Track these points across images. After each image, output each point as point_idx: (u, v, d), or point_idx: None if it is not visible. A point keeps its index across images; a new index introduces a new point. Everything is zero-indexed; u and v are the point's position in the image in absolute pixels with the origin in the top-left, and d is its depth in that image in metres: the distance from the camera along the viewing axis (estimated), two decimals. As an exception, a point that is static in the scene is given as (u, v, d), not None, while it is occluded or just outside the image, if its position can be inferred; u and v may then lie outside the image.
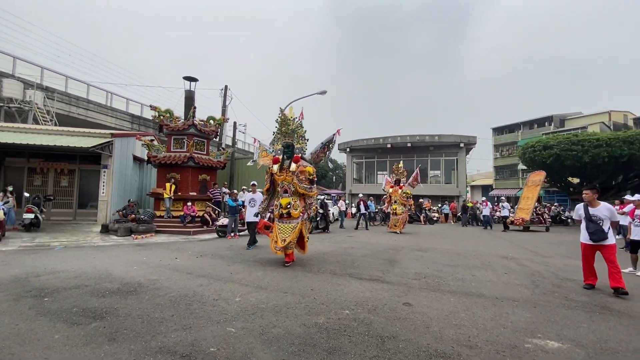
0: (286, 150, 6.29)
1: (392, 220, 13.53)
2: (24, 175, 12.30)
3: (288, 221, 6.01)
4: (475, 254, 8.07)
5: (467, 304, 4.03)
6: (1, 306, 3.52)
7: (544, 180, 17.42)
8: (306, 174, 6.08)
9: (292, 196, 6.05)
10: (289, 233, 5.91)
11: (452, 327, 3.28)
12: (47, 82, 19.62)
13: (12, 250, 7.14)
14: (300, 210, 6.04)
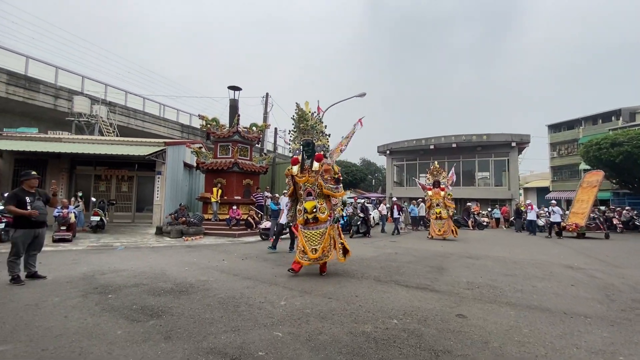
0: (306, 149, 5.77)
1: (437, 225, 12.37)
2: (91, 181, 13.64)
3: (315, 227, 5.47)
4: (534, 262, 7.38)
5: (529, 319, 3.66)
6: (72, 301, 3.86)
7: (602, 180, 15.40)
8: (331, 172, 5.56)
9: (317, 198, 5.53)
10: (319, 241, 5.39)
11: (514, 343, 2.98)
12: (110, 97, 21.70)
13: (81, 250, 7.89)
14: (327, 214, 5.52)
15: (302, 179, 5.64)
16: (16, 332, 2.93)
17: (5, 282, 4.52)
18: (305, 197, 5.59)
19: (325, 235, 5.42)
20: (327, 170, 5.52)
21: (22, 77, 16.88)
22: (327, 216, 5.50)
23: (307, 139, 5.83)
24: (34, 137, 13.39)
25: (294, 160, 5.87)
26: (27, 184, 4.75)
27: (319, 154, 5.64)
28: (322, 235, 5.41)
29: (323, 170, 5.51)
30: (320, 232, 5.43)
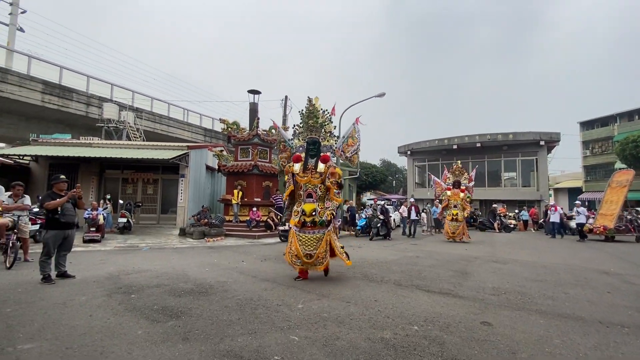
0: (311, 148, 5.39)
1: (451, 227, 11.89)
2: (119, 184, 14.22)
3: (312, 231, 5.11)
4: (566, 267, 6.96)
5: (561, 328, 3.42)
6: (97, 300, 3.99)
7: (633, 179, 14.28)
8: (337, 176, 5.18)
9: (317, 201, 5.20)
10: (315, 246, 5.05)
11: (544, 355, 2.79)
12: (137, 104, 22.61)
13: (109, 250, 8.21)
14: (328, 218, 5.22)
15: (303, 179, 5.28)
16: (44, 330, 3.04)
17: (38, 281, 4.74)
18: (305, 198, 5.23)
19: (322, 241, 5.08)
20: (333, 174, 5.18)
21: (57, 86, 17.89)
22: (327, 220, 5.21)
23: (313, 137, 5.48)
24: (67, 142, 14.13)
25: (296, 158, 5.47)
26: (57, 187, 4.99)
27: (326, 155, 5.34)
28: (318, 241, 5.08)
29: (330, 173, 5.17)
30: (317, 237, 5.09)
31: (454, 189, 12.46)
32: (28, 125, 18.21)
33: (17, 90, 16.05)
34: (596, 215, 13.85)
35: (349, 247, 9.88)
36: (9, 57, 17.65)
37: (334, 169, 5.21)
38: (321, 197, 5.26)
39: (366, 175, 28.86)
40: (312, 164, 5.30)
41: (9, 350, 2.61)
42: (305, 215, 5.07)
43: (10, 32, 20.86)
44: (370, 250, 9.27)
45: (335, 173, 5.18)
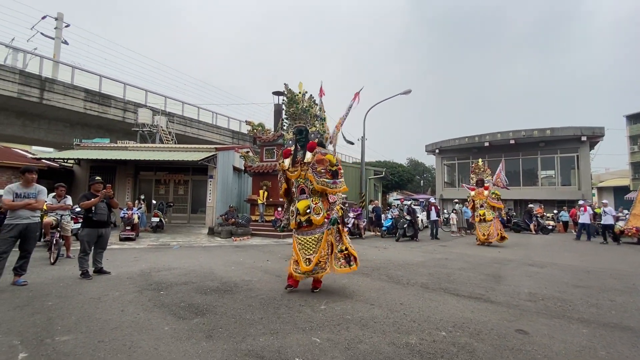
0: (299, 138, 4.77)
1: (481, 229, 11.04)
2: (152, 185, 14.89)
3: (309, 232, 4.49)
4: (613, 272, 6.41)
5: (607, 339, 3.13)
6: (129, 296, 4.16)
7: None
8: (325, 163, 4.45)
9: (311, 197, 4.55)
10: (314, 249, 4.40)
11: (588, 368, 2.55)
12: (169, 108, 23.59)
13: (142, 248, 8.59)
14: (324, 215, 4.46)
15: (294, 174, 4.70)
16: (79, 323, 3.21)
17: (77, 277, 5.04)
18: (299, 195, 4.67)
19: (321, 242, 4.42)
20: (320, 161, 4.47)
21: (97, 94, 19.07)
22: (324, 218, 4.47)
23: (299, 125, 4.81)
24: (106, 146, 15.00)
25: (285, 152, 4.89)
26: (93, 188, 5.29)
27: (312, 142, 4.66)
28: (317, 242, 4.41)
29: (315, 160, 4.49)
30: (315, 238, 4.44)
31: (478, 187, 11.62)
32: (72, 131, 19.55)
33: (62, 98, 17.28)
34: (628, 216, 12.68)
35: (374, 247, 9.72)
36: (55, 68, 19.04)
37: (322, 156, 4.49)
38: (315, 191, 4.55)
39: (392, 175, 28.30)
40: (301, 156, 4.69)
41: (47, 342, 2.77)
42: (299, 214, 4.46)
43: (56, 44, 22.51)
44: (396, 251, 9.05)
45: (322, 160, 4.46)
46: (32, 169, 4.56)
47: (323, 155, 4.49)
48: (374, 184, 20.12)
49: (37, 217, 4.62)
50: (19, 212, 4.38)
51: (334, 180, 4.46)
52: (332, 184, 4.44)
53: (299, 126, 4.82)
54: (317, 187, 4.45)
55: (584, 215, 13.31)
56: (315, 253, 4.38)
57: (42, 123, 18.40)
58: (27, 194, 4.48)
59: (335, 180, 4.46)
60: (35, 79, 16.44)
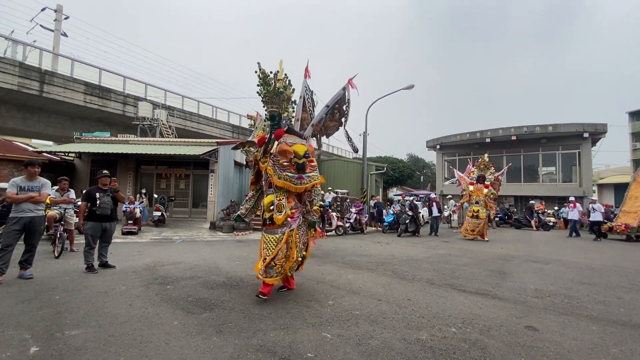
0: (272, 124, 4.27)
1: (471, 224, 11.14)
2: (153, 179, 14.82)
3: (272, 230, 3.97)
4: (617, 269, 6.42)
5: (617, 336, 3.13)
6: (136, 290, 4.15)
7: None
8: (289, 154, 3.87)
9: (277, 192, 4.00)
10: (272, 249, 3.86)
11: (601, 365, 2.55)
12: (169, 102, 23.43)
13: (145, 242, 8.57)
14: (287, 213, 3.91)
15: (263, 165, 4.18)
16: (88, 317, 3.19)
17: (83, 270, 5.02)
18: (267, 189, 4.18)
19: (280, 243, 3.85)
20: (282, 152, 3.88)
21: (97, 87, 18.91)
22: (287, 216, 3.90)
23: (271, 110, 4.29)
24: (106, 140, 14.90)
25: (260, 141, 4.37)
26: (100, 182, 5.26)
27: (278, 130, 4.11)
28: (277, 243, 3.88)
29: (277, 151, 3.94)
30: (276, 238, 3.91)
31: (478, 184, 11.60)
32: (72, 125, 19.42)
33: (62, 91, 17.13)
34: (618, 213, 12.70)
35: (376, 243, 9.72)
36: (54, 61, 18.85)
37: (284, 146, 3.91)
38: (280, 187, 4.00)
39: (393, 171, 28.27)
40: (272, 145, 4.17)
41: (57, 336, 2.75)
42: (264, 210, 4.07)
43: (55, 37, 22.27)
44: (399, 247, 9.05)
45: (286, 151, 3.88)
46: (35, 162, 4.51)
47: (289, 146, 3.91)
48: (375, 179, 20.09)
49: (41, 210, 4.58)
50: (23, 206, 4.34)
51: (299, 175, 3.87)
52: (297, 180, 3.86)
53: (271, 111, 4.30)
54: (277, 183, 3.89)
55: (573, 212, 13.39)
56: (271, 253, 3.85)
57: (42, 116, 18.27)
58: (30, 187, 4.44)
59: (300, 175, 3.88)
60: (35, 72, 16.28)
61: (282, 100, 4.30)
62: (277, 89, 4.23)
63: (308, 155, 3.99)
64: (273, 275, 3.85)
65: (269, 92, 4.25)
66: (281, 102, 4.30)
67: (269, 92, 4.25)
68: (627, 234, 11.74)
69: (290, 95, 4.42)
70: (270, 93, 4.25)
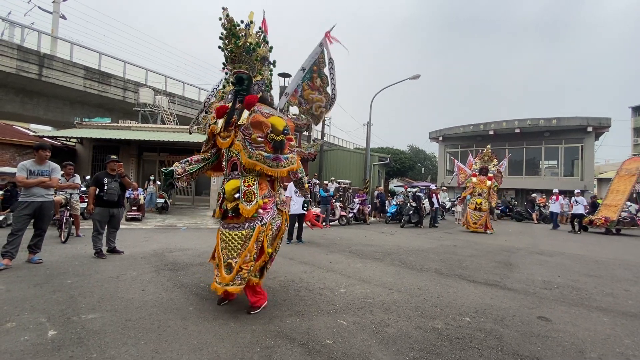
0: (238, 90, 3.30)
1: (473, 216, 11.03)
2: (155, 167, 14.75)
3: (236, 225, 3.08)
4: (621, 263, 6.46)
5: (629, 327, 3.15)
6: (147, 276, 4.15)
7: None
8: (265, 128, 3.03)
9: (243, 175, 3.17)
10: (238, 250, 3.00)
11: (616, 356, 2.57)
12: (170, 88, 23.16)
13: (150, 229, 8.57)
14: (259, 203, 3.05)
15: (225, 142, 3.24)
16: (103, 301, 3.19)
17: (91, 255, 5.01)
18: (229, 172, 3.31)
19: (249, 242, 3.01)
20: (256, 124, 3.04)
21: (97, 72, 18.63)
22: (258, 206, 3.04)
23: (239, 71, 3.29)
24: (108, 126, 14.76)
25: (218, 110, 3.34)
26: (109, 167, 5.22)
27: (251, 96, 3.23)
28: (244, 241, 3.02)
29: (249, 122, 3.07)
30: (242, 235, 3.04)
31: (480, 175, 11.46)
32: (72, 110, 19.21)
33: (62, 75, 16.87)
34: (599, 206, 12.80)
35: (380, 233, 9.75)
36: (53, 44, 18.52)
37: (259, 117, 3.05)
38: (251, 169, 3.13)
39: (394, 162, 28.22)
40: (238, 116, 3.20)
41: (74, 320, 2.75)
42: (226, 199, 3.13)
43: (54, 19, 21.82)
44: (403, 237, 9.08)
45: (262, 123, 3.03)
46: (45, 146, 4.45)
47: (265, 117, 3.06)
48: (378, 170, 20.06)
49: (51, 195, 4.55)
50: (34, 190, 4.30)
51: (276, 156, 3.05)
52: (272, 161, 3.04)
53: (239, 72, 3.29)
54: (247, 163, 3.05)
55: (555, 205, 13.47)
56: (239, 258, 2.97)
57: (41, 100, 18.05)
58: (40, 171, 4.39)
59: (277, 156, 3.06)
60: (34, 55, 16.00)
61: (254, 59, 3.28)
62: (250, 44, 3.19)
63: (287, 131, 3.12)
64: (239, 282, 2.96)
65: (237, 47, 3.18)
66: (253, 62, 3.29)
67: (238, 48, 3.18)
68: (607, 227, 11.84)
69: (265, 54, 3.35)
70: (239, 48, 3.19)
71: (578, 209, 12.29)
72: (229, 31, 3.15)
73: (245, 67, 3.29)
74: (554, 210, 13.56)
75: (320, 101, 3.69)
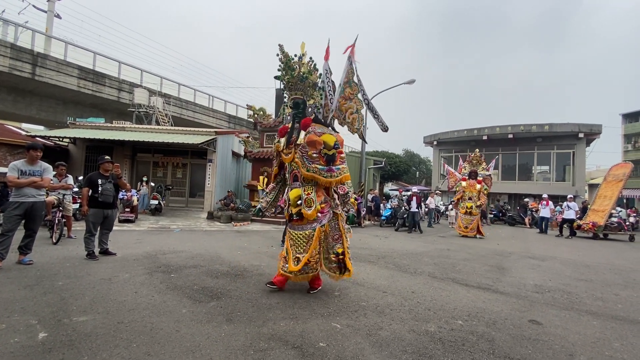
0: (296, 112, 4.00)
1: (464, 220, 11.01)
2: (149, 168, 14.66)
3: (300, 226, 3.78)
4: (611, 267, 6.56)
5: (618, 331, 3.20)
6: (140, 278, 4.11)
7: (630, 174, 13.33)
8: (318, 145, 3.66)
9: (303, 185, 3.82)
10: (304, 247, 3.70)
11: (605, 359, 2.61)
12: (165, 89, 23.05)
13: (143, 230, 8.50)
14: (317, 208, 3.72)
15: (287, 157, 3.91)
16: (94, 304, 3.16)
17: (83, 257, 4.96)
18: (292, 182, 3.95)
19: (313, 241, 3.71)
20: (311, 143, 3.67)
21: (91, 72, 18.49)
22: (317, 212, 3.70)
23: (295, 97, 3.99)
24: (102, 126, 14.64)
25: (281, 130, 4.08)
26: (102, 168, 5.16)
27: (306, 119, 3.87)
28: (308, 240, 3.72)
29: (306, 142, 3.71)
30: (305, 235, 3.73)
31: (470, 179, 11.46)
32: (65, 109, 19.02)
33: (55, 75, 16.71)
34: (588, 211, 13.04)
35: (375, 236, 9.78)
36: (47, 43, 18.35)
37: (315, 136, 3.69)
38: (309, 180, 3.79)
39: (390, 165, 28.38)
40: (296, 135, 3.91)
41: (65, 322, 2.72)
42: (290, 205, 3.84)
43: (48, 18, 21.64)
44: (397, 241, 9.12)
45: (315, 141, 3.65)
46: (37, 146, 4.40)
47: (318, 136, 3.68)
48: (373, 173, 20.14)
49: (42, 196, 4.50)
50: (25, 190, 4.24)
51: (329, 167, 3.65)
52: (326, 172, 3.65)
53: (295, 98, 3.99)
54: (306, 175, 3.69)
55: (545, 210, 13.67)
56: (306, 252, 3.67)
57: (34, 100, 17.85)
58: (32, 171, 4.34)
59: (330, 167, 3.66)
60: (27, 54, 15.85)
61: (307, 86, 3.95)
62: (302, 73, 3.87)
63: (337, 146, 3.76)
64: (308, 271, 3.72)
65: (292, 78, 3.89)
66: (306, 88, 3.96)
67: (293, 78, 3.89)
68: (595, 232, 12.06)
69: (315, 80, 4.02)
70: (294, 78, 3.89)
71: (570, 213, 12.45)
72: (286, 64, 3.88)
73: (300, 93, 3.98)
74: (545, 215, 13.74)
75: (351, 108, 4.14)
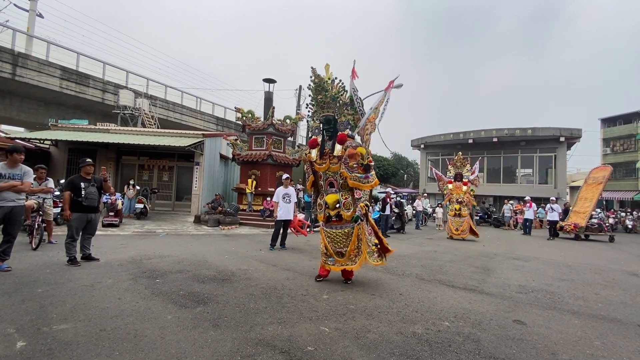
0: (327, 128, 4.69)
1: (454, 223, 11.03)
2: (135, 171, 14.37)
3: (339, 226, 4.50)
4: (592, 267, 6.76)
5: (599, 330, 3.30)
6: (124, 284, 4.01)
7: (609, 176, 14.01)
8: (357, 157, 4.24)
9: (340, 191, 4.49)
10: (345, 242, 4.45)
11: (586, 357, 2.68)
12: (151, 91, 22.69)
13: (128, 235, 8.31)
14: (354, 210, 4.45)
15: (322, 167, 4.58)
16: (75, 311, 3.06)
17: (64, 263, 4.81)
18: (328, 188, 4.59)
19: (352, 237, 4.43)
20: (352, 156, 4.24)
21: (74, 73, 18.05)
22: (354, 212, 4.46)
23: (327, 114, 4.65)
24: (85, 128, 14.29)
25: (312, 143, 4.72)
26: (84, 171, 5.02)
27: (342, 134, 4.43)
28: (348, 236, 4.44)
29: (347, 155, 4.28)
30: (345, 233, 4.46)
31: (456, 182, 11.59)
32: (47, 111, 18.50)
33: (37, 75, 16.25)
34: (569, 213, 13.57)
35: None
36: (28, 43, 17.84)
37: (353, 150, 4.24)
38: (345, 186, 4.46)
39: (378, 168, 28.67)
40: (329, 147, 4.59)
41: (45, 330, 2.63)
42: (328, 209, 4.49)
43: (30, 17, 21.06)
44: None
45: (355, 154, 4.23)
46: (20, 149, 4.26)
47: (354, 149, 4.25)
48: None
49: (22, 200, 4.34)
50: (4, 194, 4.09)
51: (366, 175, 4.28)
52: (365, 179, 4.28)
53: (326, 115, 4.66)
54: (352, 184, 4.32)
55: (529, 212, 14.05)
56: (347, 247, 4.43)
57: (14, 100, 17.31)
58: (12, 174, 4.19)
59: (367, 175, 4.29)
60: (8, 54, 15.37)
61: (340, 104, 4.59)
62: (335, 94, 4.53)
63: (369, 156, 4.38)
64: (349, 263, 4.42)
65: (326, 98, 4.56)
66: (340, 108, 4.59)
67: (326, 98, 4.56)
68: (576, 233, 12.50)
69: (345, 100, 4.60)
70: (327, 99, 4.56)
71: (553, 215, 12.77)
72: (319, 86, 4.53)
73: (332, 111, 4.63)
74: (529, 217, 14.05)
75: (369, 130, 4.65)
